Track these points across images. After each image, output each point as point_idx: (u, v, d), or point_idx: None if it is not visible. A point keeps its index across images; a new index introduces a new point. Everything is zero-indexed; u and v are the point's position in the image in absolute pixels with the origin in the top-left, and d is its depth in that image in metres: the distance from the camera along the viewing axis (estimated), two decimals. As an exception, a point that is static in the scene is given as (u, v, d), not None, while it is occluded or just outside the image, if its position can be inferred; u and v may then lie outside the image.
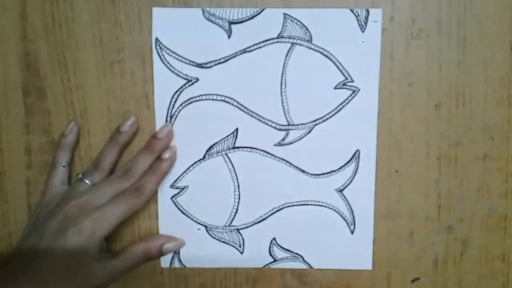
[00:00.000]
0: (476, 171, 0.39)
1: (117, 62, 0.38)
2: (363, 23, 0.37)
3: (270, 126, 0.38)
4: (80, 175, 0.37)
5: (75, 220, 0.34)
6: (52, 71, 0.38)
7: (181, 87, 0.38)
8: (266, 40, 0.37)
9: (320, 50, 0.37)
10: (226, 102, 0.38)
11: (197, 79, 0.38)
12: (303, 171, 0.39)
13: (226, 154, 0.38)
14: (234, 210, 0.39)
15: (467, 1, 0.37)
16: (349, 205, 0.39)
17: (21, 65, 0.38)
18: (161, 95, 0.38)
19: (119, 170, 0.37)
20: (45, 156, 0.39)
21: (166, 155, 0.37)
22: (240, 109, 0.38)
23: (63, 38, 0.37)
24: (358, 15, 0.37)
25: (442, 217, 0.39)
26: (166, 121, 0.38)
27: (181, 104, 0.38)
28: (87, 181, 0.36)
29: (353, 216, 0.39)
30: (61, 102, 0.38)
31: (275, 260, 0.40)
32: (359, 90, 0.38)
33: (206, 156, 0.38)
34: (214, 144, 0.38)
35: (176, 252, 0.39)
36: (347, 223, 0.39)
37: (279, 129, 0.38)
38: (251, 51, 0.37)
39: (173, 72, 0.37)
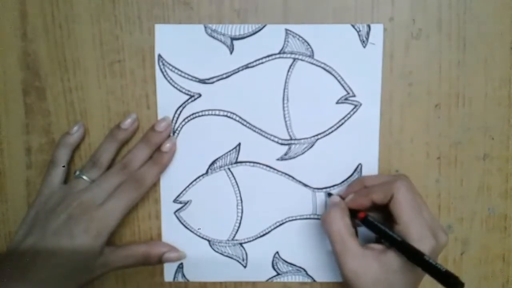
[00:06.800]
0: (476, 171, 0.39)
1: (117, 62, 0.38)
2: (364, 39, 0.37)
3: (273, 140, 0.38)
4: (77, 172, 0.37)
5: (80, 220, 0.34)
6: (52, 71, 0.38)
7: (183, 103, 0.38)
8: (268, 56, 0.37)
9: (322, 65, 0.37)
10: (229, 117, 0.38)
11: (200, 95, 0.38)
12: (305, 185, 0.39)
13: (229, 168, 0.38)
14: (237, 224, 0.39)
15: (467, 1, 0.37)
16: None
17: (21, 65, 0.38)
18: (164, 111, 0.38)
19: (117, 164, 0.37)
20: (45, 156, 0.39)
21: (167, 146, 0.37)
22: (243, 124, 0.38)
23: (63, 38, 0.37)
24: (360, 30, 0.37)
25: (442, 217, 0.39)
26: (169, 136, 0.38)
27: (183, 120, 0.38)
28: (85, 178, 0.36)
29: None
30: (61, 102, 0.38)
31: (278, 274, 0.40)
32: (360, 104, 0.38)
33: (209, 171, 0.39)
34: (216, 159, 0.38)
35: (180, 266, 0.40)
36: None
37: (282, 144, 0.38)
38: (253, 66, 0.37)
39: (175, 88, 0.38)
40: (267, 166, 0.39)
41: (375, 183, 0.35)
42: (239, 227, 0.39)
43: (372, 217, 0.34)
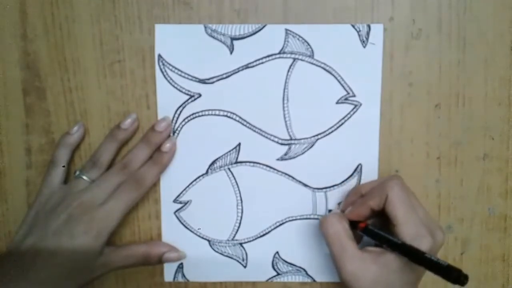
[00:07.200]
0: (476, 171, 0.39)
1: (117, 62, 0.38)
2: (364, 39, 0.37)
3: (273, 140, 0.38)
4: (78, 172, 0.37)
5: (80, 220, 0.34)
6: (52, 71, 0.38)
7: (183, 103, 0.38)
8: (268, 56, 0.37)
9: (322, 65, 0.37)
10: (229, 117, 0.38)
11: (200, 95, 0.38)
12: (305, 185, 0.39)
13: (229, 168, 0.38)
14: (237, 224, 0.39)
15: (467, 1, 0.37)
16: None
17: (21, 65, 0.38)
18: (164, 111, 0.38)
19: (117, 164, 0.37)
20: (45, 156, 0.39)
21: (167, 146, 0.37)
22: (243, 124, 0.38)
23: (63, 38, 0.37)
24: (360, 31, 0.37)
25: (442, 217, 0.39)
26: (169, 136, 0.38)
27: (183, 120, 0.38)
28: (85, 178, 0.36)
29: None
30: (61, 102, 0.38)
31: (278, 274, 0.40)
32: (360, 104, 0.38)
33: (209, 171, 0.39)
34: (217, 159, 0.38)
35: (180, 266, 0.40)
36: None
37: (282, 144, 0.38)
38: (253, 66, 0.37)
39: (175, 88, 0.38)
40: (267, 166, 0.39)
41: (370, 188, 0.35)
42: (239, 227, 0.39)
43: (373, 226, 0.34)
